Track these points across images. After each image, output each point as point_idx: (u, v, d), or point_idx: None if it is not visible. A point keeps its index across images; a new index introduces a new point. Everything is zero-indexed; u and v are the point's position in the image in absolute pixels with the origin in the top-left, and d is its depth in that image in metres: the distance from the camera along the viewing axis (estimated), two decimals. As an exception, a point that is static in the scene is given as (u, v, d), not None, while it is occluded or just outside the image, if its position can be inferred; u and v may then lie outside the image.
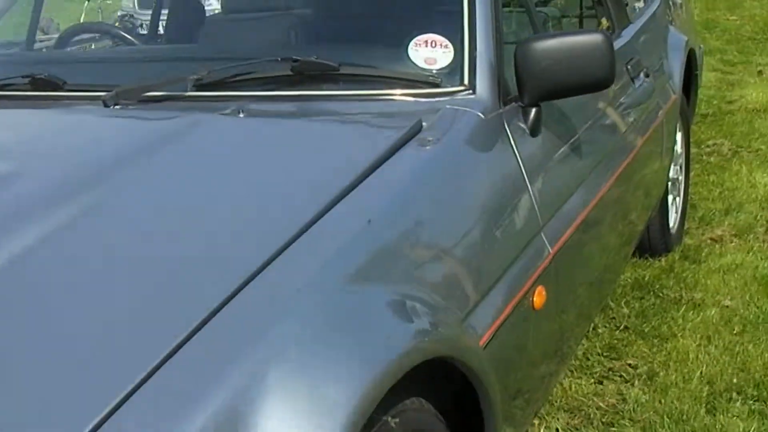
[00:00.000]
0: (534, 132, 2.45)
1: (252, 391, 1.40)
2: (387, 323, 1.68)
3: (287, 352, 1.48)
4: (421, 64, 2.42)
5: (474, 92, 2.36)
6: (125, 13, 10.04)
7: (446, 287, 1.90)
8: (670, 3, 4.64)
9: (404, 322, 1.71)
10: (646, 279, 3.94)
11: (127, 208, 1.94)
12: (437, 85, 2.39)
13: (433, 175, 2.10)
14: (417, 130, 2.17)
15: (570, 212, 2.52)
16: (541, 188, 2.38)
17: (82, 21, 4.16)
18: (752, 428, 2.87)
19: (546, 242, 2.33)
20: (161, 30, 3.49)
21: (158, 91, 2.46)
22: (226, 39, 3.04)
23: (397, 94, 2.37)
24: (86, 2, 10.91)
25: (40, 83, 2.63)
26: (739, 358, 3.26)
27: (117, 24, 4.24)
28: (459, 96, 2.35)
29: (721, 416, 2.94)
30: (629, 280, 3.92)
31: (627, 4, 3.85)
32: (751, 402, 3.02)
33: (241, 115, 2.30)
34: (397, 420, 1.64)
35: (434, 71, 2.41)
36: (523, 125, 2.42)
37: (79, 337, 1.52)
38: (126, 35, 3.33)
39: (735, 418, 2.93)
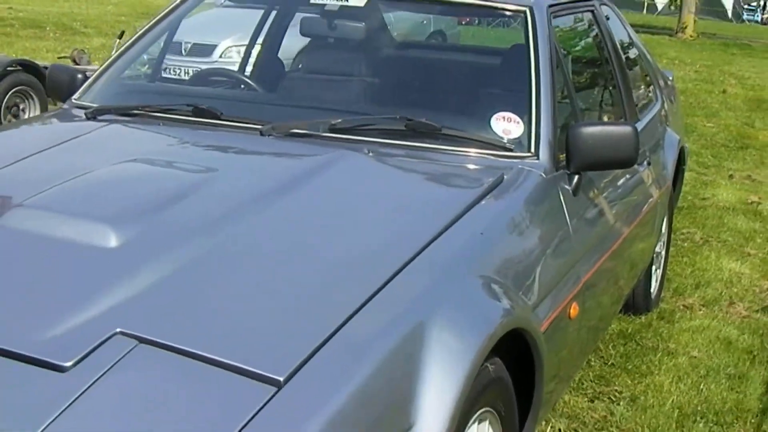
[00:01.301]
0: (575, 192, 3.30)
1: (415, 339, 2.19)
2: (489, 304, 2.51)
3: (431, 320, 2.27)
4: (500, 133, 3.28)
5: (537, 158, 3.21)
6: (152, 57, 10.81)
7: (521, 288, 2.73)
8: (667, 107, 5.52)
9: (498, 303, 2.53)
10: (630, 331, 4.79)
11: (291, 218, 2.72)
12: (511, 150, 3.24)
13: (512, 211, 2.94)
14: (500, 180, 3.02)
15: (594, 254, 3.37)
16: (577, 233, 3.23)
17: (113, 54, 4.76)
18: (710, 441, 3.71)
19: (580, 272, 3.18)
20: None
21: (302, 129, 3.28)
22: (352, 95, 3.86)
23: (483, 153, 3.22)
24: (117, 40, 11.81)
25: (202, 112, 3.45)
26: (703, 394, 4.11)
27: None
28: (527, 160, 3.20)
29: (686, 430, 3.77)
30: (616, 330, 4.76)
31: (637, 104, 4.72)
32: (712, 424, 3.86)
33: (370, 154, 3.13)
34: (491, 368, 2.45)
35: (509, 140, 3.26)
36: (567, 186, 3.28)
37: (284, 298, 2.28)
38: (248, 80, 4.17)
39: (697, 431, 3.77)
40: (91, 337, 2.03)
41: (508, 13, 3.84)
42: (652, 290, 5.07)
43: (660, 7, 46.36)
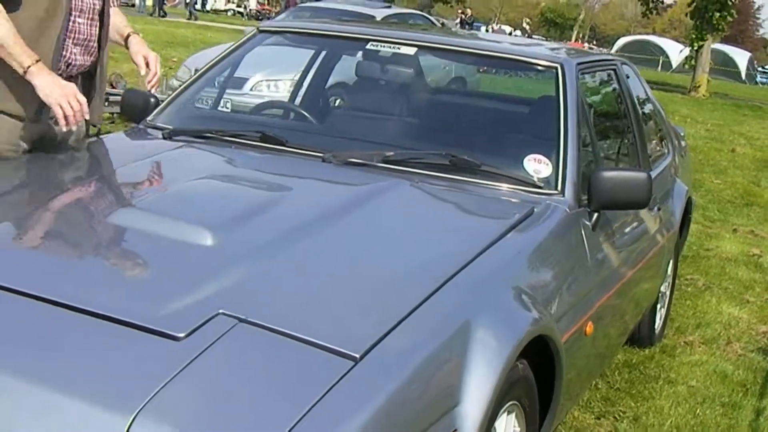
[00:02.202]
0: (594, 228, 3.76)
1: (462, 335, 2.65)
2: (521, 312, 2.97)
3: (474, 321, 2.73)
4: (531, 172, 3.75)
5: (563, 196, 3.67)
6: (182, 83, 11.30)
7: (546, 303, 3.19)
8: (677, 160, 6.00)
9: (529, 312, 2.99)
10: (634, 361, 5.24)
11: (354, 233, 3.17)
12: (540, 188, 3.70)
13: (540, 238, 3.40)
14: (531, 212, 3.49)
15: (608, 282, 3.83)
16: (594, 262, 3.70)
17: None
18: (703, 460, 4.15)
19: (595, 297, 3.64)
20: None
21: (358, 158, 3.76)
22: (398, 132, 4.34)
23: (516, 189, 3.68)
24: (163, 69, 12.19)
25: (269, 139, 3.93)
26: (699, 417, 4.56)
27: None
28: (554, 196, 3.66)
29: (683, 449, 4.23)
30: (622, 360, 5.21)
31: (651, 155, 5.19)
32: (705, 445, 4.31)
33: (418, 184, 3.60)
34: (520, 367, 2.91)
35: (539, 178, 3.73)
36: (588, 222, 3.74)
37: (357, 289, 2.77)
38: (303, 112, 4.66)
39: (693, 451, 4.22)
40: (198, 316, 2.48)
41: (541, 68, 4.31)
42: (656, 326, 5.52)
43: (675, 65, 47.04)
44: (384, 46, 4.46)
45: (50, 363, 2.33)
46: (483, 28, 36.89)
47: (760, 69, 55.91)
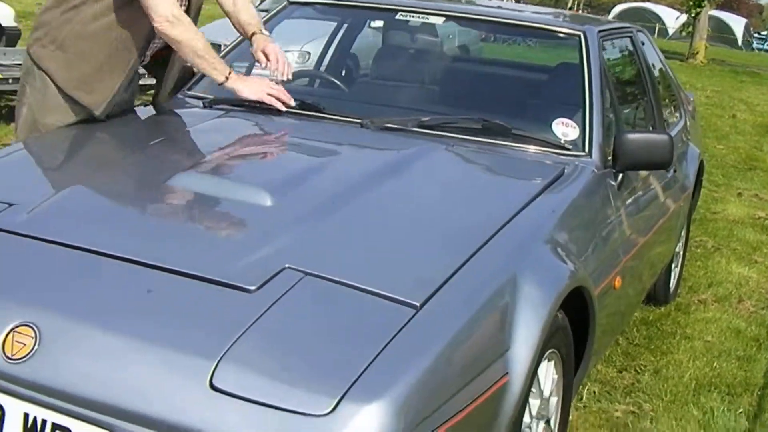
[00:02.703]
0: (619, 188, 3.95)
1: (509, 285, 2.83)
2: (560, 265, 3.16)
3: (519, 274, 2.91)
4: (559, 135, 3.93)
5: (590, 157, 3.86)
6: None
7: (580, 257, 3.38)
8: (689, 124, 6.18)
9: (567, 265, 3.18)
10: (651, 318, 5.45)
11: (401, 193, 3.36)
12: (569, 150, 3.88)
13: (572, 197, 3.59)
14: (562, 173, 3.67)
15: (632, 239, 4.03)
16: (620, 220, 3.89)
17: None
18: (722, 407, 4.35)
19: (622, 252, 3.83)
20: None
21: (395, 124, 3.94)
22: (430, 98, 4.53)
23: (545, 151, 3.87)
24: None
25: (307, 106, 4.12)
26: (716, 370, 4.77)
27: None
28: (581, 158, 3.84)
29: (702, 398, 4.43)
30: (639, 317, 5.42)
31: (666, 120, 5.38)
32: (723, 394, 4.51)
33: (455, 147, 3.79)
34: (559, 316, 3.10)
35: (567, 141, 3.92)
36: (613, 182, 3.92)
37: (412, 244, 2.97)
38: (333, 79, 4.85)
39: (712, 400, 4.42)
40: (267, 270, 2.67)
41: (563, 35, 4.49)
42: (671, 285, 5.73)
43: (671, 32, 47.10)
44: (413, 16, 4.63)
45: (138, 315, 2.53)
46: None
47: (756, 35, 55.96)
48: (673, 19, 50.31)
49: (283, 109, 4.01)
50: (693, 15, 31.45)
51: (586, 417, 4.10)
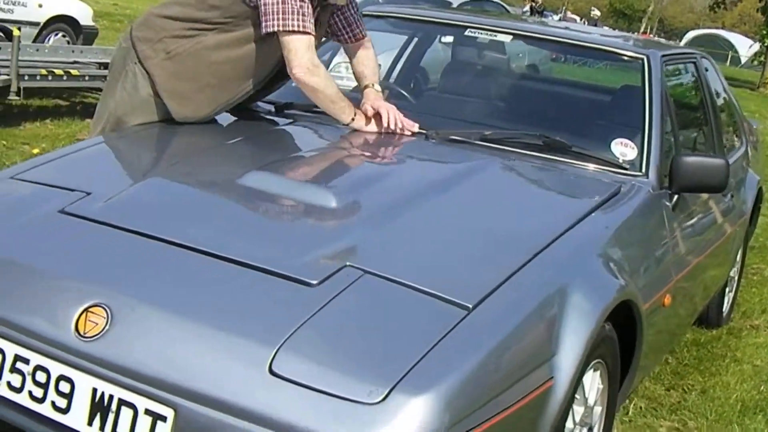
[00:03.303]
0: (674, 209, 4.05)
1: (559, 295, 2.95)
2: (609, 278, 3.28)
3: (569, 284, 3.04)
4: (618, 154, 4.04)
5: (647, 177, 3.96)
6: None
7: (631, 272, 3.48)
8: (750, 151, 6.25)
9: (616, 279, 3.29)
10: (702, 340, 5.53)
11: (461, 202, 3.49)
12: (626, 169, 3.99)
13: (626, 214, 3.70)
14: (618, 191, 3.78)
15: (685, 259, 4.12)
16: (673, 240, 3.99)
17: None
18: (766, 430, 4.42)
19: (674, 271, 3.93)
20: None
21: (459, 137, 4.08)
22: (494, 113, 4.67)
23: (603, 169, 3.98)
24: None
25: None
26: (763, 393, 4.84)
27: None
28: (638, 178, 3.95)
29: (747, 419, 4.51)
30: (690, 339, 5.50)
31: (726, 145, 5.46)
32: (768, 417, 4.60)
33: (515, 162, 3.91)
34: (606, 327, 3.21)
35: (625, 161, 4.03)
36: (668, 203, 4.03)
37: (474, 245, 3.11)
38: (401, 91, 4.99)
39: (756, 422, 4.50)
40: (329, 267, 2.82)
41: (627, 58, 4.60)
42: (724, 309, 5.80)
43: (744, 60, 46.76)
44: (481, 33, 4.76)
45: (204, 302, 2.70)
46: (554, 17, 36.90)
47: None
48: (746, 47, 49.98)
49: (408, 134, 4.12)
50: (766, 44, 31.24)
51: (632, 431, 4.20)
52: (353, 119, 4.07)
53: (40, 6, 10.03)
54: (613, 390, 3.43)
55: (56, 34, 10.47)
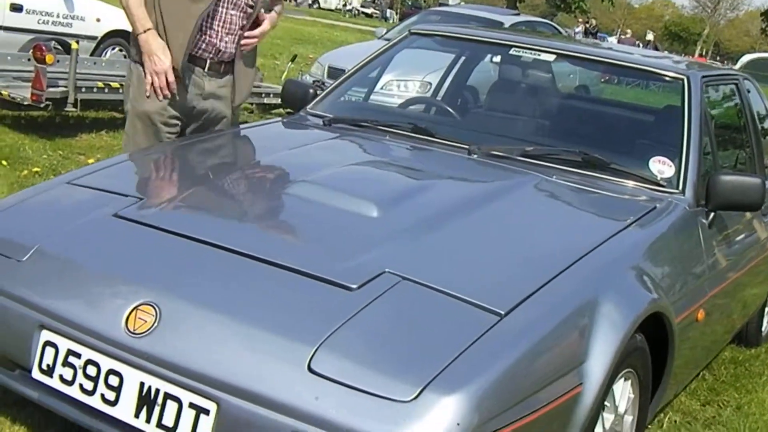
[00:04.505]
0: (710, 226, 4.14)
1: (590, 305, 3.05)
2: (641, 291, 3.37)
3: (601, 294, 3.14)
4: (655, 172, 4.13)
5: (684, 195, 4.05)
6: (316, 79, 11.84)
7: (664, 287, 3.57)
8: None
9: (648, 292, 3.38)
10: (740, 358, 5.59)
11: (501, 215, 3.61)
12: (663, 186, 4.08)
13: (661, 230, 3.79)
14: (654, 207, 3.88)
15: (720, 276, 4.20)
16: (708, 256, 4.07)
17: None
18: (799, 449, 4.49)
19: (708, 287, 4.02)
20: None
21: (500, 152, 4.19)
22: (533, 130, 4.77)
23: (640, 186, 4.07)
24: (290, 63, 12.84)
25: (420, 130, 4.39)
26: (798, 412, 4.90)
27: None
28: (675, 195, 4.04)
29: (781, 437, 4.58)
30: (728, 356, 5.56)
31: (766, 166, 5.52)
32: (803, 437, 4.65)
33: (554, 178, 4.02)
34: (638, 338, 3.30)
35: (662, 178, 4.12)
36: (704, 220, 4.11)
37: (507, 260, 3.23)
38: (448, 108, 5.12)
39: (790, 441, 4.57)
40: (368, 272, 2.95)
41: (668, 79, 4.69)
42: (763, 328, 5.85)
43: (798, 85, 46.33)
44: (526, 52, 4.88)
45: (249, 303, 2.85)
46: (610, 39, 36.91)
47: None
48: (802, 71, 49.49)
49: (147, 95, 4.37)
50: (821, 69, 31.04)
51: (665, 443, 4.28)
52: (144, 32, 4.32)
53: (98, 21, 10.25)
54: (644, 400, 3.52)
55: (113, 48, 10.68)
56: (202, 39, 4.39)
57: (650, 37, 36.02)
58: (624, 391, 3.33)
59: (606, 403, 3.14)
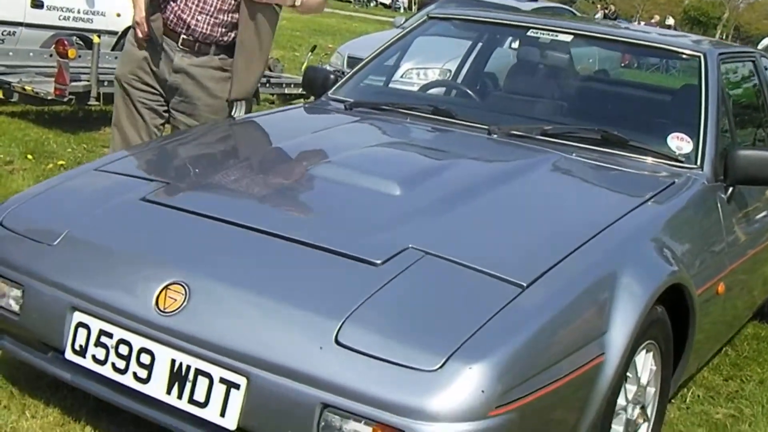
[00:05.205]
0: (729, 201, 4.17)
1: (610, 277, 3.10)
2: (661, 263, 3.41)
3: (621, 266, 3.19)
4: (674, 148, 4.18)
5: (702, 170, 4.09)
6: (336, 69, 11.87)
7: (684, 260, 3.62)
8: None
9: (668, 264, 3.43)
10: (763, 334, 5.62)
11: (521, 193, 3.67)
12: (682, 162, 4.12)
13: (680, 205, 3.84)
14: (672, 182, 3.92)
15: (739, 250, 4.24)
16: (728, 230, 4.11)
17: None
18: (822, 420, 4.53)
19: (728, 260, 4.06)
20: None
21: (520, 131, 4.24)
22: (553, 109, 4.82)
23: (659, 162, 4.12)
24: (309, 54, 12.89)
25: (440, 112, 4.45)
26: (822, 387, 4.93)
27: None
28: (693, 170, 4.08)
29: (804, 410, 4.61)
30: (751, 333, 5.58)
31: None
32: (826, 407, 4.68)
33: (573, 155, 4.07)
34: (658, 310, 3.35)
35: (681, 154, 4.16)
36: (723, 195, 4.15)
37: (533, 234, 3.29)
38: (467, 90, 5.17)
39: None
40: (392, 248, 3.01)
41: (685, 56, 4.73)
42: (786, 304, 5.87)
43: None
44: (543, 33, 4.92)
45: (276, 280, 2.92)
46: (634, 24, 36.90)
47: None
48: (823, 53, 49.26)
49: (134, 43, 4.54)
50: (842, 50, 30.96)
51: (688, 417, 4.32)
52: None
53: (119, 15, 10.33)
54: (666, 373, 3.57)
55: (134, 43, 10.80)
56: (171, 11, 4.42)
57: (670, 21, 35.98)
58: (646, 363, 3.38)
59: (628, 374, 3.19)
